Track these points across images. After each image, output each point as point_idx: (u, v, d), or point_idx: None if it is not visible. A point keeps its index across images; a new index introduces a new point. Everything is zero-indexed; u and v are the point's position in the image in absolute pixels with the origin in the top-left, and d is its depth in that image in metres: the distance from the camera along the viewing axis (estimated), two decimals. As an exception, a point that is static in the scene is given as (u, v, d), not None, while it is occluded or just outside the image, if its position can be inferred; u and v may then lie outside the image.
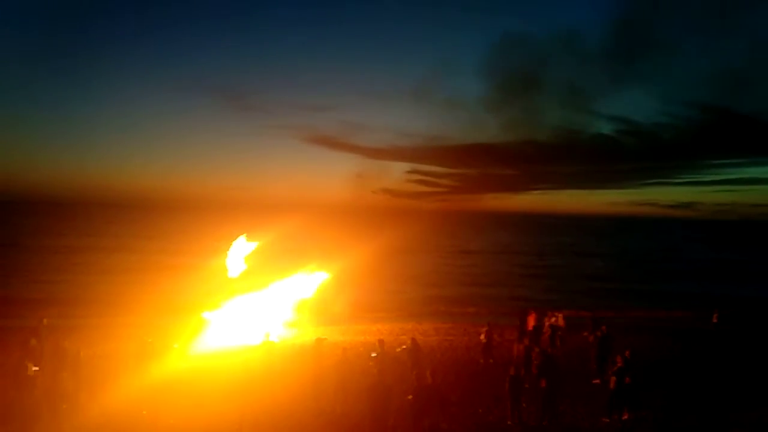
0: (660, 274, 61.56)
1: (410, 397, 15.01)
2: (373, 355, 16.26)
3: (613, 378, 14.64)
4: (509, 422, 14.10)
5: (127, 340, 19.74)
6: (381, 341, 16.75)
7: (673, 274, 61.64)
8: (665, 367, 19.03)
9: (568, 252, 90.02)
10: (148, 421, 13.51)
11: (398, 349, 17.98)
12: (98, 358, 17.93)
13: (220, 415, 14.01)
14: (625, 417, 14.34)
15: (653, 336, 24.58)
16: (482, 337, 20.45)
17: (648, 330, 25.86)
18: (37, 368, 12.82)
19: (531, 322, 21.61)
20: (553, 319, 21.57)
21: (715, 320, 24.71)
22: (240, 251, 25.80)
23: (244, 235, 26.24)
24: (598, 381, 16.84)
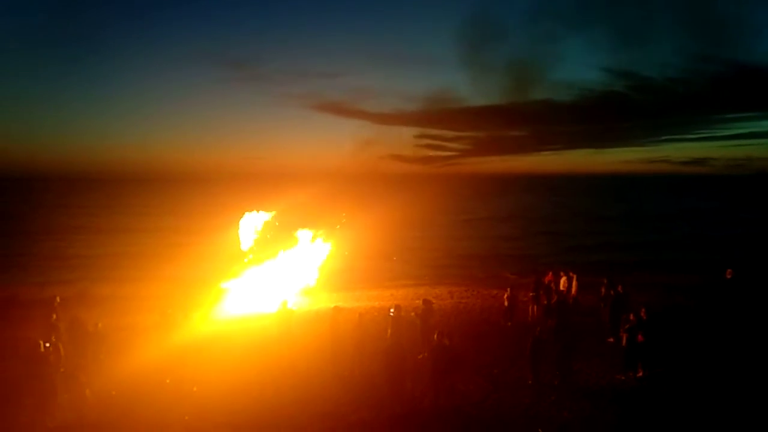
0: (672, 235, 61.23)
1: (421, 356, 15.31)
2: (392, 312, 16.51)
3: (625, 335, 14.80)
4: (529, 381, 14.32)
5: (147, 311, 20.10)
6: (397, 306, 16.95)
7: (686, 235, 61.24)
8: (679, 323, 19.13)
9: (579, 213, 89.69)
10: (172, 389, 13.85)
11: (412, 313, 18.18)
12: (119, 330, 18.29)
13: (242, 381, 14.36)
14: (640, 374, 14.52)
15: (666, 293, 24.65)
16: (505, 299, 20.68)
17: (660, 288, 25.92)
18: (48, 344, 13.09)
19: (546, 281, 21.74)
20: (564, 278, 21.69)
21: (729, 277, 24.57)
22: (252, 222, 25.99)
23: (256, 206, 26.39)
24: (612, 339, 16.99)
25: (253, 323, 20.14)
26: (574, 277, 21.65)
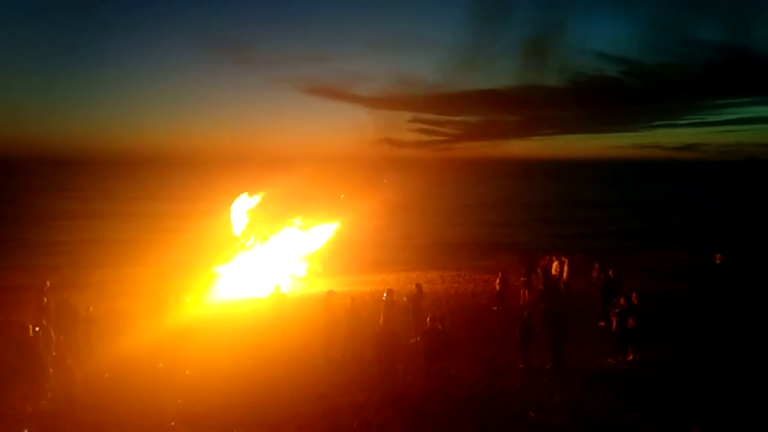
0: (663, 220, 61.57)
1: (413, 340, 15.40)
2: (384, 296, 16.58)
3: (615, 319, 14.90)
4: (520, 365, 14.42)
5: (140, 296, 20.08)
6: (390, 290, 17.00)
7: (677, 220, 61.59)
8: (670, 307, 19.30)
9: (570, 199, 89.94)
10: (165, 372, 13.87)
11: (404, 298, 18.23)
12: (111, 314, 18.28)
13: (235, 365, 14.40)
14: (630, 358, 14.64)
15: (656, 277, 24.85)
16: (496, 284, 20.79)
17: (650, 272, 26.12)
18: (38, 329, 13.07)
19: (538, 265, 21.86)
20: (556, 263, 21.78)
21: (718, 261, 24.71)
22: (244, 206, 25.94)
23: (248, 190, 26.33)
24: (602, 323, 17.11)
25: (246, 307, 20.16)
26: (566, 261, 21.77)
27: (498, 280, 20.78)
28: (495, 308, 20.26)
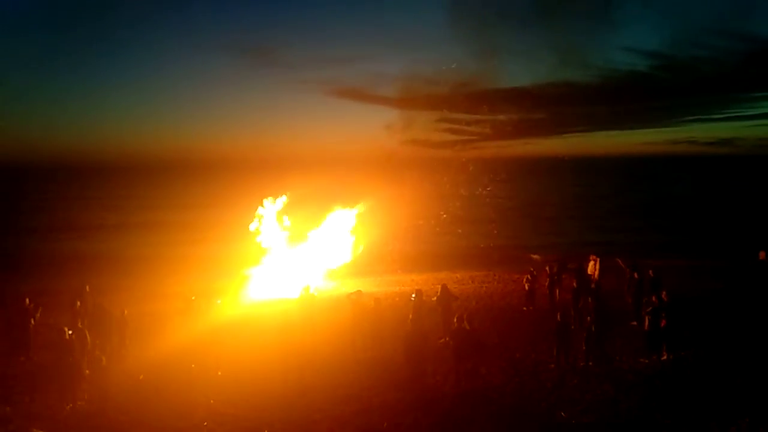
0: (699, 216, 60.22)
1: (442, 340, 15.34)
2: (413, 297, 16.59)
3: (647, 318, 14.67)
4: (551, 365, 14.29)
5: (172, 298, 20.39)
6: (418, 291, 16.98)
7: (713, 217, 60.12)
8: (705, 306, 18.92)
9: (602, 197, 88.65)
10: (197, 373, 14.06)
11: (433, 298, 18.17)
12: (144, 316, 18.58)
13: (266, 365, 14.52)
14: (664, 357, 14.40)
15: (692, 275, 24.35)
16: (525, 283, 20.56)
17: (689, 270, 25.58)
18: (71, 332, 13.35)
19: (570, 264, 21.54)
20: (592, 262, 21.45)
21: (762, 258, 23.93)
22: (273, 209, 26.11)
23: (275, 194, 26.48)
24: (635, 323, 16.85)
25: (276, 308, 20.32)
26: (597, 260, 21.41)
27: (526, 280, 20.56)
28: (525, 309, 20.07)
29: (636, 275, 18.40)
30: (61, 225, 58.27)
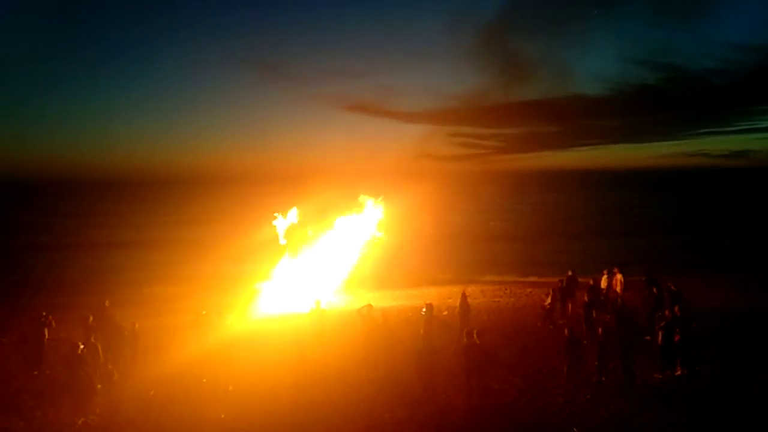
0: (716, 230, 59.44)
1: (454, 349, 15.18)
2: (423, 311, 16.54)
3: (660, 333, 14.49)
4: (562, 381, 14.15)
5: (183, 312, 20.44)
6: (429, 305, 16.94)
7: (732, 231, 59.30)
8: (722, 321, 18.70)
9: (617, 210, 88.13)
10: (208, 388, 14.06)
11: (445, 312, 18.13)
12: (155, 330, 18.64)
13: (277, 380, 14.51)
14: (678, 372, 14.21)
15: (706, 286, 24.10)
16: (547, 302, 20.02)
17: (700, 282, 25.32)
18: (83, 346, 13.42)
19: (600, 281, 21.15)
20: (605, 276, 21.21)
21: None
22: (285, 222, 26.18)
23: (286, 207, 26.56)
24: (648, 337, 16.65)
25: (287, 323, 20.30)
26: (620, 275, 21.01)
27: (549, 297, 19.98)
28: (549, 327, 19.56)
29: (655, 290, 18.18)
30: (71, 242, 58.66)
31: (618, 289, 20.62)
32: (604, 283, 20.97)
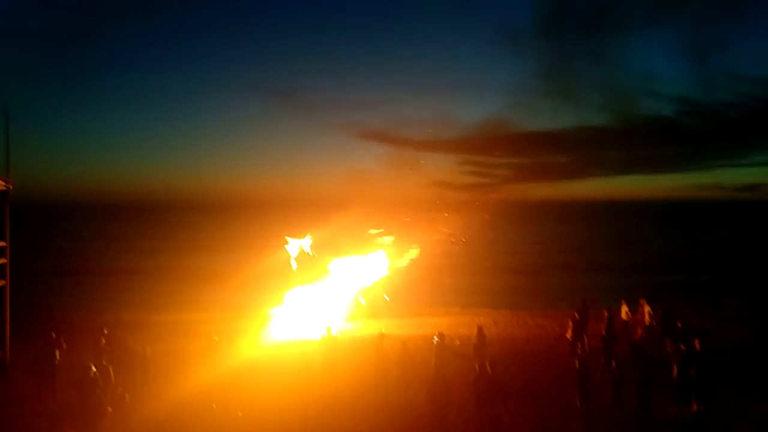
0: (731, 262, 58.92)
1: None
2: (435, 340, 16.47)
3: (675, 366, 14.31)
4: (575, 414, 13.98)
5: (194, 337, 20.47)
6: (441, 334, 16.87)
7: (747, 263, 58.70)
8: (738, 355, 18.45)
9: (628, 242, 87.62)
10: (218, 413, 14.00)
11: (457, 342, 18.04)
12: (166, 354, 18.65)
13: (287, 407, 14.43)
14: (694, 409, 13.98)
15: (720, 320, 23.79)
16: (568, 333, 19.63)
17: (715, 316, 25.02)
18: (95, 369, 13.45)
19: (622, 313, 20.93)
20: (625, 309, 20.95)
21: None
22: (298, 249, 26.29)
23: (297, 234, 26.71)
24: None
25: (298, 350, 20.26)
26: (645, 306, 20.77)
27: (570, 329, 19.49)
28: (574, 359, 19.20)
29: (663, 322, 17.99)
30: (86, 267, 59.03)
31: (646, 319, 20.33)
32: (624, 315, 20.76)
